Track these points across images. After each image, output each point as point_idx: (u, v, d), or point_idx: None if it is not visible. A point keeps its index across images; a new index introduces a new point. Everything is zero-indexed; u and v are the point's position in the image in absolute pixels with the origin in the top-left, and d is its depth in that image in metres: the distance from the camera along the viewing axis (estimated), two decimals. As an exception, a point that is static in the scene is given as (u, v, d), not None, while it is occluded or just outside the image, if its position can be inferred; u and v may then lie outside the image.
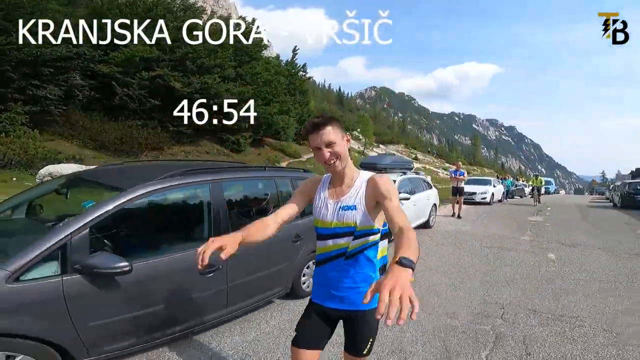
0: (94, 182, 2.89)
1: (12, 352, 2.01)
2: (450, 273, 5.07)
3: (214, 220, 2.78)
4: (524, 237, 7.98)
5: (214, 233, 2.69)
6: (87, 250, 2.18)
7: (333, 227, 1.55)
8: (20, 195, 3.26)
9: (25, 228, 2.95)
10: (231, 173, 3.19)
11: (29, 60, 15.80)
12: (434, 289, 4.40)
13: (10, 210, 3.08)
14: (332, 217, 1.56)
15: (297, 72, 38.65)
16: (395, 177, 7.10)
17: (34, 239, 2.15)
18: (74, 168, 7.58)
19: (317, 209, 1.62)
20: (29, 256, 2.03)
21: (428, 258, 5.80)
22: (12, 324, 1.98)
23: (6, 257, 2.05)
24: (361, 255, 1.54)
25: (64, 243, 2.11)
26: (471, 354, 2.91)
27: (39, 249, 2.06)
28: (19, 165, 13.46)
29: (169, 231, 2.98)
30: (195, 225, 2.93)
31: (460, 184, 10.80)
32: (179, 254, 2.57)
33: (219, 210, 2.82)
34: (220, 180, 2.92)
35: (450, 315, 3.64)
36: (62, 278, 2.11)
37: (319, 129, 1.45)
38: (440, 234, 8.00)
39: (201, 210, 2.88)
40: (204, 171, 2.94)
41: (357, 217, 1.50)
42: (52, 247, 2.08)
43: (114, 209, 2.30)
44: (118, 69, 20.03)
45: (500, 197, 18.19)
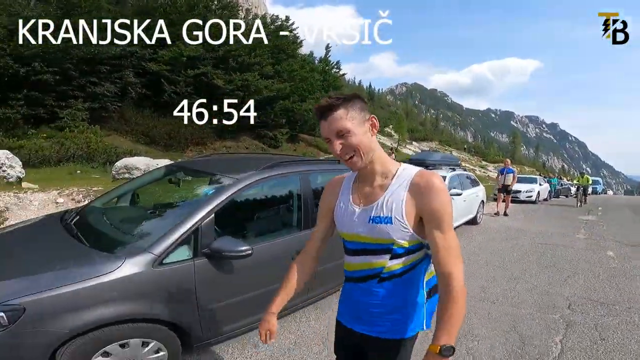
0: (200, 172, 3.15)
1: (147, 338, 2.09)
2: (508, 267, 5.14)
3: (304, 209, 2.94)
4: (578, 235, 7.80)
5: (303, 221, 2.89)
6: (213, 235, 2.29)
7: (362, 242, 1.19)
8: (125, 185, 3.52)
9: (141, 215, 3.16)
10: (315, 165, 3.41)
11: (88, 58, 16.92)
12: (493, 281, 4.51)
13: (116, 198, 3.35)
14: (360, 228, 1.18)
15: (331, 69, 38.84)
16: (445, 173, 7.19)
17: (167, 224, 2.27)
18: (144, 162, 8.22)
19: (339, 218, 1.26)
20: (170, 240, 2.13)
21: (482, 253, 5.88)
22: (153, 308, 2.06)
23: (148, 242, 2.16)
24: (401, 279, 1.17)
25: (196, 228, 2.23)
26: (544, 339, 3.04)
27: (178, 233, 2.17)
28: (81, 158, 14.57)
29: (269, 218, 3.21)
30: (288, 213, 3.19)
31: (510, 181, 10.52)
32: (279, 239, 2.74)
33: (307, 199, 2.99)
34: (308, 172, 3.11)
35: (515, 305, 3.77)
36: (194, 262, 2.21)
37: (326, 114, 1.10)
38: (490, 230, 7.98)
39: (293, 199, 3.11)
40: (293, 163, 3.15)
41: (395, 233, 1.12)
42: (188, 232, 2.20)
43: (230, 197, 2.44)
44: (166, 67, 21.10)
45: (546, 196, 17.65)
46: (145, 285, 2.04)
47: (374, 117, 1.15)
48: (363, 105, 1.13)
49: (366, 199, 1.19)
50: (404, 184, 1.13)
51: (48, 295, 1.85)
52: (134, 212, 3.29)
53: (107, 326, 1.96)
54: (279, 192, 3.31)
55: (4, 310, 1.79)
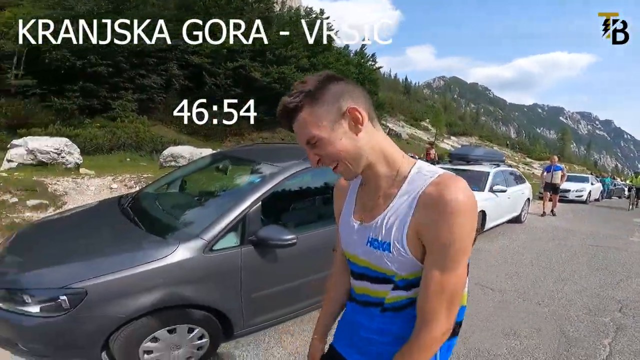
0: (246, 160, 3.22)
1: (193, 324, 2.08)
2: (554, 268, 4.89)
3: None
4: (632, 239, 7.28)
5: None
6: (259, 223, 2.27)
7: (362, 266, 0.94)
8: (174, 173, 3.67)
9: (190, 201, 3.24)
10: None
11: (137, 51, 17.88)
12: (539, 282, 4.32)
13: (167, 185, 3.46)
14: (358, 250, 0.93)
15: (366, 62, 38.36)
16: (489, 169, 6.91)
17: (216, 211, 2.28)
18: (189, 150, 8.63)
19: (341, 232, 1.02)
20: (220, 226, 2.13)
21: (526, 253, 5.62)
22: (202, 294, 2.05)
23: (199, 228, 2.15)
24: (407, 311, 0.89)
25: (244, 215, 2.22)
26: (592, 341, 2.90)
27: (227, 219, 2.17)
28: (130, 147, 15.47)
29: (311, 208, 3.23)
30: (329, 203, 3.22)
31: (558, 179, 9.90)
32: (320, 230, 2.68)
33: None
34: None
35: (563, 307, 3.60)
36: (241, 249, 2.19)
37: (288, 117, 0.82)
38: (535, 229, 7.60)
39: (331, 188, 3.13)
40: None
41: (393, 264, 0.85)
42: (236, 219, 2.19)
43: (276, 185, 2.42)
44: (207, 59, 21.83)
45: (598, 196, 16.49)
46: (196, 271, 2.05)
47: (355, 108, 0.79)
48: (337, 91, 0.79)
49: (367, 212, 0.91)
50: (413, 196, 0.81)
51: (109, 279, 1.84)
52: (184, 198, 3.40)
53: (160, 311, 1.96)
54: (322, 181, 3.32)
55: (67, 294, 1.78)
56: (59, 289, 1.79)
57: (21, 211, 4.43)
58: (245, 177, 3.03)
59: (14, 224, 3.97)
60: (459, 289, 0.82)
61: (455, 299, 0.82)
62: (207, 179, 3.66)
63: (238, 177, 3.29)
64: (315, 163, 0.84)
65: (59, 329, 1.79)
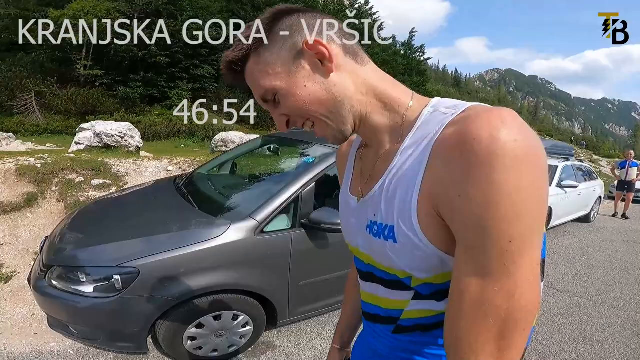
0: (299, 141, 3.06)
1: (239, 311, 2.02)
2: (630, 271, 4.43)
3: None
4: None
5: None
6: (312, 205, 2.17)
7: (366, 263, 0.66)
8: (226, 154, 3.72)
9: (241, 182, 3.26)
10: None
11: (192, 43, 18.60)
12: (612, 285, 3.95)
13: (218, 167, 3.49)
14: (359, 239, 0.66)
15: (414, 53, 37.04)
16: (557, 163, 6.28)
17: (268, 191, 2.20)
18: (238, 136, 8.86)
19: (340, 212, 0.76)
20: (272, 207, 2.05)
21: (597, 254, 5.11)
22: (251, 279, 1.96)
23: (250, 208, 2.08)
24: (431, 334, 0.61)
25: (296, 197, 2.13)
26: (676, 350, 2.54)
27: (280, 200, 2.08)
28: (185, 134, 16.25)
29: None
30: None
31: (634, 177, 8.84)
32: None
33: None
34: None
35: (639, 311, 3.23)
36: (292, 232, 2.10)
37: (235, 75, 0.59)
38: (606, 230, 6.88)
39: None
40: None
41: (403, 259, 0.56)
42: (289, 200, 2.10)
43: (331, 166, 2.28)
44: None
45: (681, 198, 14.59)
46: (246, 254, 1.97)
47: (318, 41, 0.54)
48: (289, 24, 0.56)
49: (365, 183, 0.64)
50: (424, 146, 0.52)
51: (162, 259, 1.77)
52: (234, 179, 3.43)
53: (208, 296, 1.90)
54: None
55: (121, 273, 1.72)
56: (114, 267, 1.76)
57: (86, 190, 4.72)
58: (298, 159, 2.95)
59: (78, 202, 4.23)
60: (519, 307, 0.43)
61: (511, 325, 0.44)
62: (258, 161, 3.65)
63: (290, 158, 3.23)
64: (285, 126, 0.61)
65: (110, 311, 1.75)
